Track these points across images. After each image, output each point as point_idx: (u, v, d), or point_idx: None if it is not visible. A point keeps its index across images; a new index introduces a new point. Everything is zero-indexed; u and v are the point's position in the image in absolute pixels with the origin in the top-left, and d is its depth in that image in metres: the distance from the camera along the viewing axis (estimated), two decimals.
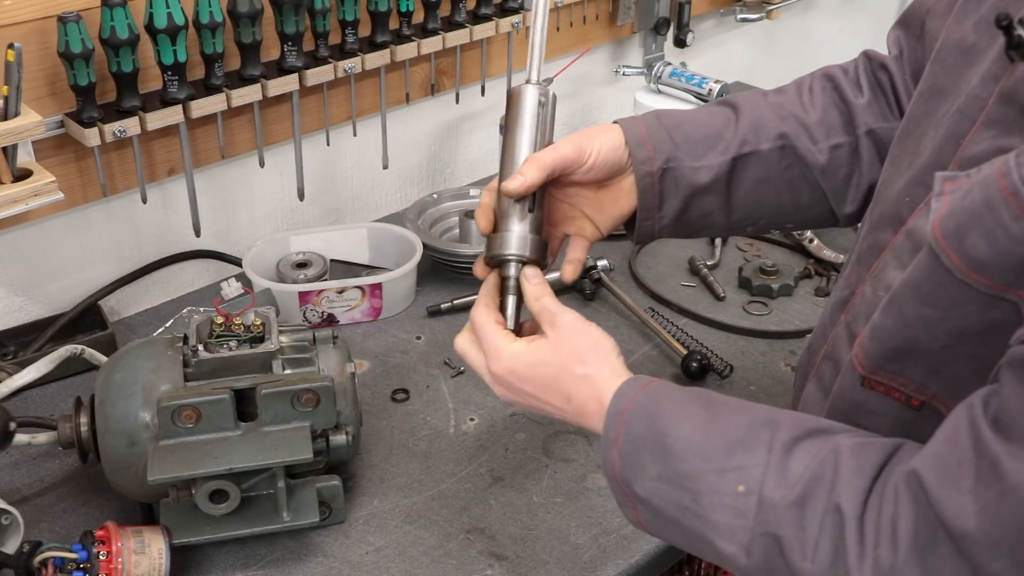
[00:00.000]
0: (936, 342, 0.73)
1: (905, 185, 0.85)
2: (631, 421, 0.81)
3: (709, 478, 0.76)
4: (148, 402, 1.04)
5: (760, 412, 0.79)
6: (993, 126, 0.75)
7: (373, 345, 1.43)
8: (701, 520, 0.76)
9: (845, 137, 1.02)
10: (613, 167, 0.99)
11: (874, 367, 0.79)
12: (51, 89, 1.27)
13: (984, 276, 0.66)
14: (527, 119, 0.97)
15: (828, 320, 0.94)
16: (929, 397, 0.77)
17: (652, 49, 2.05)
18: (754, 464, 0.74)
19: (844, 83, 1.05)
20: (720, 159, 1.01)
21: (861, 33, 2.56)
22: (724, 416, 0.79)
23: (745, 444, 0.76)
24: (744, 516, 0.73)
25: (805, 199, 1.04)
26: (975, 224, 0.66)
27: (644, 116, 1.03)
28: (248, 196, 1.57)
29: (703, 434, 0.78)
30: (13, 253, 1.36)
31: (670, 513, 0.78)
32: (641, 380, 0.85)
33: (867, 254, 0.88)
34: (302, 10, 1.37)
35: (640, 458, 0.80)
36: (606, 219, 1.03)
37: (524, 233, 0.94)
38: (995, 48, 0.78)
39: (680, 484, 0.77)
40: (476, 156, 1.87)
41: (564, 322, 0.89)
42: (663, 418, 0.80)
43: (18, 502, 1.12)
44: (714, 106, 1.06)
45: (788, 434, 0.75)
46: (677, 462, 0.78)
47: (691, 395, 0.82)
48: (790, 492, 0.72)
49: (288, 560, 1.08)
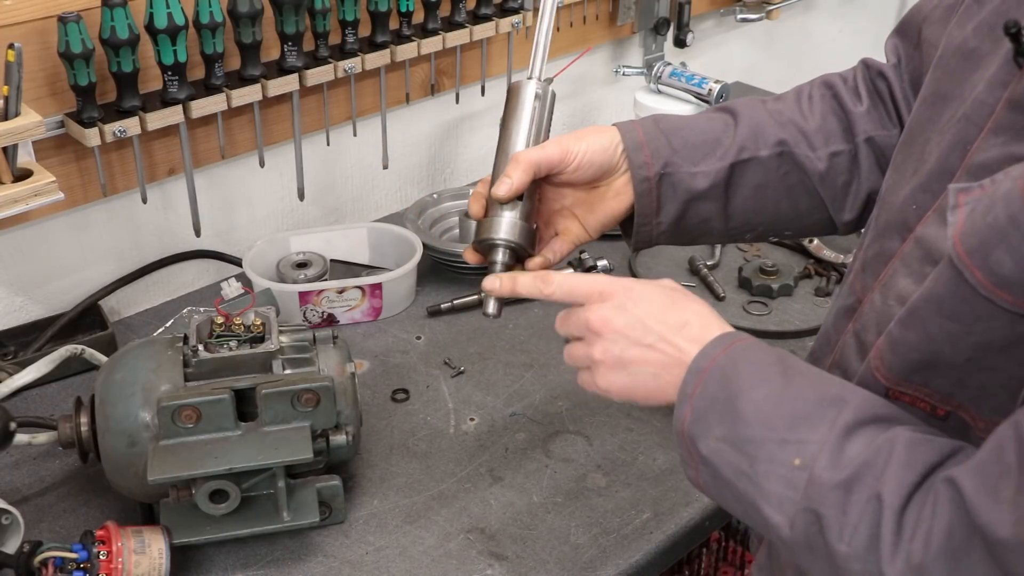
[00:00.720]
0: (960, 355, 0.72)
1: (911, 192, 0.84)
2: (709, 380, 0.81)
3: (769, 446, 0.76)
4: (148, 402, 1.04)
5: (832, 388, 0.79)
6: (1002, 132, 0.75)
7: (373, 345, 1.43)
8: (755, 486, 0.76)
9: (844, 145, 1.03)
10: (601, 168, 1.00)
11: (898, 379, 0.79)
12: (51, 89, 1.27)
13: (1009, 293, 0.66)
14: (523, 113, 0.98)
15: (832, 328, 0.93)
16: (955, 407, 0.76)
17: (652, 49, 2.05)
18: (814, 440, 0.74)
19: (843, 91, 1.05)
20: (718, 165, 1.01)
21: (861, 33, 2.56)
22: (796, 386, 0.78)
23: (810, 419, 0.75)
24: (795, 488, 0.74)
25: (803, 206, 1.04)
26: (999, 241, 0.66)
27: (642, 120, 1.03)
28: (248, 196, 1.57)
29: (773, 403, 0.78)
30: (13, 253, 1.37)
31: (727, 475, 0.79)
32: (728, 339, 0.83)
33: (874, 262, 0.88)
34: (302, 10, 1.37)
35: (709, 417, 0.80)
36: (595, 220, 1.03)
37: (513, 220, 0.95)
38: (1000, 53, 0.77)
39: (741, 448, 0.77)
40: (476, 156, 1.87)
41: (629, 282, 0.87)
42: (739, 380, 0.79)
43: (18, 502, 1.12)
44: (713, 112, 1.07)
45: (852, 416, 0.75)
46: (742, 426, 0.78)
47: (771, 359, 0.81)
48: (839, 474, 0.72)
49: (288, 560, 1.08)
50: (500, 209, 0.96)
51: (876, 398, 0.79)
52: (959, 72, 0.83)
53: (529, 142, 0.98)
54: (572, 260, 1.54)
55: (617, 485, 1.18)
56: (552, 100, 1.00)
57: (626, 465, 1.21)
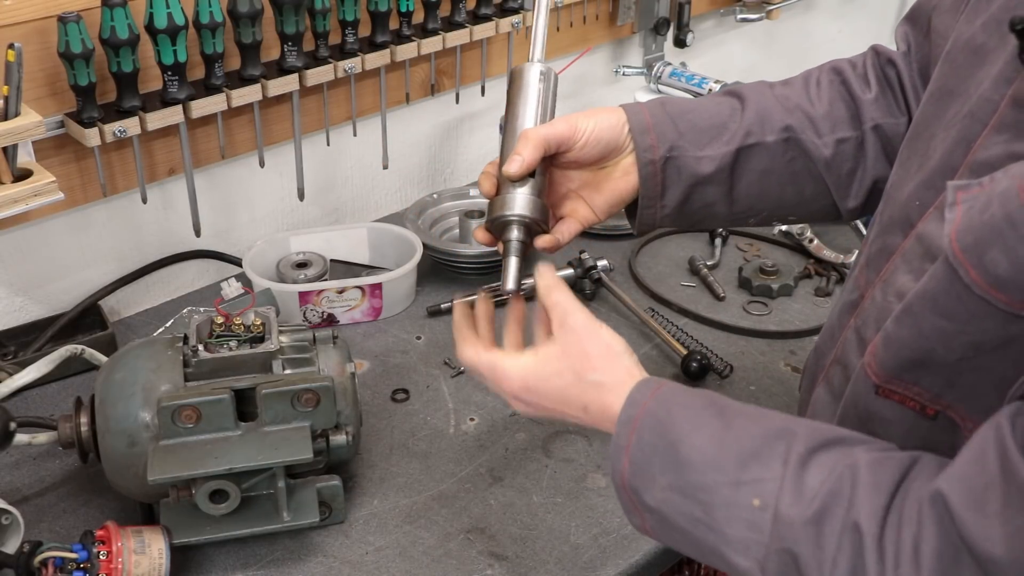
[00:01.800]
0: (952, 354, 0.72)
1: (915, 188, 0.84)
2: (643, 429, 0.80)
3: (723, 491, 0.75)
4: (148, 402, 1.04)
5: (774, 421, 0.78)
6: (1006, 130, 0.75)
7: (373, 345, 1.43)
8: (714, 533, 0.75)
9: (851, 131, 1.02)
10: (608, 145, 0.99)
11: (889, 376, 0.78)
12: (51, 89, 1.27)
13: (1003, 293, 0.66)
14: (529, 93, 0.98)
15: (836, 323, 0.93)
16: (944, 407, 0.76)
17: (652, 49, 2.05)
18: (770, 477, 0.73)
19: (852, 77, 1.04)
20: (724, 149, 1.00)
21: (861, 33, 2.56)
22: (738, 426, 0.77)
23: (760, 456, 0.74)
24: (759, 531, 0.73)
25: (808, 192, 1.04)
26: (995, 240, 0.65)
27: (649, 103, 1.03)
28: (248, 196, 1.58)
29: (717, 445, 0.76)
30: (13, 253, 1.37)
31: (680, 524, 0.77)
32: (651, 384, 0.83)
33: (876, 257, 0.88)
34: (302, 10, 1.37)
35: (651, 467, 0.79)
36: (602, 201, 1.02)
37: (526, 195, 0.95)
38: (1006, 49, 0.77)
39: (693, 496, 0.76)
40: (476, 156, 1.87)
41: (575, 323, 0.87)
42: (676, 427, 0.79)
43: (18, 502, 1.12)
44: (720, 96, 1.06)
45: (803, 446, 0.74)
46: (690, 473, 0.76)
47: (704, 401, 0.81)
48: (807, 509, 0.71)
49: (288, 560, 1.08)
50: (512, 187, 0.95)
51: (821, 424, 0.78)
52: (966, 68, 0.83)
53: (537, 120, 0.98)
54: (572, 260, 1.54)
55: None
56: (555, 81, 1.00)
57: None
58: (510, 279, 0.93)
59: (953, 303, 0.70)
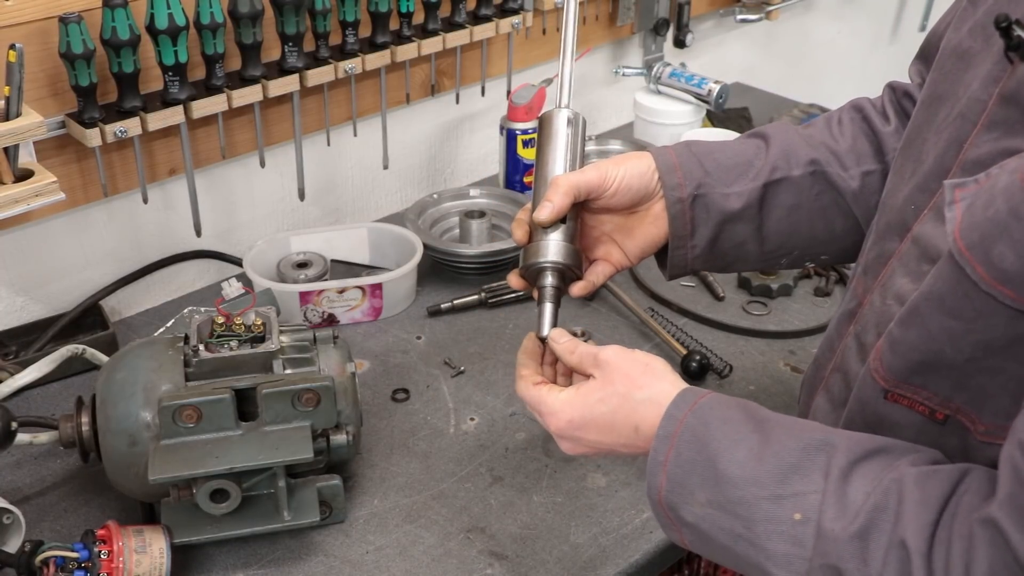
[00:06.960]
0: (961, 355, 0.72)
1: (909, 192, 0.85)
2: (681, 445, 0.79)
3: (764, 505, 0.74)
4: (149, 402, 1.04)
5: (814, 433, 0.77)
6: (995, 128, 0.75)
7: (373, 345, 1.43)
8: (755, 548, 0.75)
9: (876, 164, 1.03)
10: (638, 193, 1.00)
11: (897, 380, 0.78)
12: (52, 90, 1.27)
13: (1011, 288, 0.66)
14: (558, 140, 0.99)
15: (835, 332, 0.93)
16: (954, 411, 0.75)
17: (652, 50, 2.06)
18: (811, 491, 0.73)
19: (872, 113, 1.05)
20: (751, 185, 1.01)
21: (860, 34, 2.56)
22: (777, 439, 0.77)
23: (800, 469, 0.74)
24: (802, 545, 0.72)
25: (839, 227, 1.04)
26: (1001, 235, 0.66)
27: (675, 145, 1.04)
28: (249, 196, 1.58)
29: (756, 459, 0.76)
30: (14, 253, 1.37)
31: (720, 539, 0.77)
32: (688, 398, 0.82)
33: (874, 263, 0.88)
34: (302, 11, 1.37)
35: (689, 483, 0.78)
36: (634, 246, 1.03)
37: (559, 242, 0.95)
38: (992, 51, 0.78)
39: (732, 511, 0.76)
40: (476, 156, 1.87)
41: (608, 356, 0.87)
42: (714, 442, 0.78)
43: (20, 501, 1.13)
44: (744, 137, 1.07)
45: (845, 458, 0.73)
46: (729, 488, 0.76)
47: (742, 414, 0.80)
48: (851, 523, 0.70)
49: (289, 559, 1.08)
50: (544, 233, 0.95)
51: (860, 434, 0.77)
52: (954, 72, 0.84)
53: (566, 167, 0.98)
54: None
55: (617, 485, 1.18)
56: (584, 126, 1.01)
57: (626, 465, 1.21)
58: (545, 325, 0.94)
59: (960, 301, 0.70)
